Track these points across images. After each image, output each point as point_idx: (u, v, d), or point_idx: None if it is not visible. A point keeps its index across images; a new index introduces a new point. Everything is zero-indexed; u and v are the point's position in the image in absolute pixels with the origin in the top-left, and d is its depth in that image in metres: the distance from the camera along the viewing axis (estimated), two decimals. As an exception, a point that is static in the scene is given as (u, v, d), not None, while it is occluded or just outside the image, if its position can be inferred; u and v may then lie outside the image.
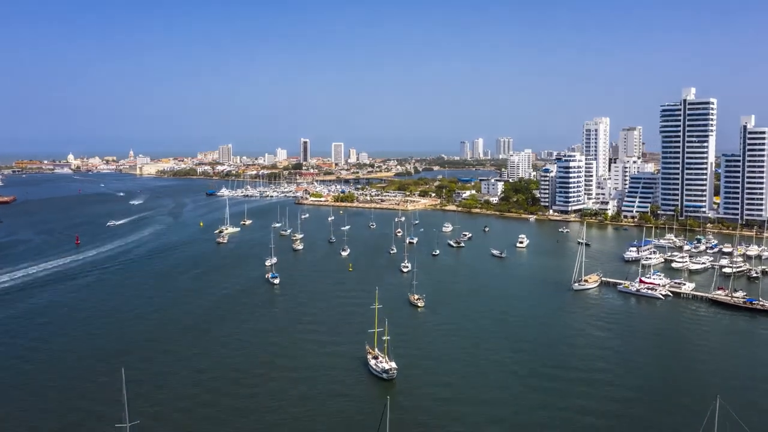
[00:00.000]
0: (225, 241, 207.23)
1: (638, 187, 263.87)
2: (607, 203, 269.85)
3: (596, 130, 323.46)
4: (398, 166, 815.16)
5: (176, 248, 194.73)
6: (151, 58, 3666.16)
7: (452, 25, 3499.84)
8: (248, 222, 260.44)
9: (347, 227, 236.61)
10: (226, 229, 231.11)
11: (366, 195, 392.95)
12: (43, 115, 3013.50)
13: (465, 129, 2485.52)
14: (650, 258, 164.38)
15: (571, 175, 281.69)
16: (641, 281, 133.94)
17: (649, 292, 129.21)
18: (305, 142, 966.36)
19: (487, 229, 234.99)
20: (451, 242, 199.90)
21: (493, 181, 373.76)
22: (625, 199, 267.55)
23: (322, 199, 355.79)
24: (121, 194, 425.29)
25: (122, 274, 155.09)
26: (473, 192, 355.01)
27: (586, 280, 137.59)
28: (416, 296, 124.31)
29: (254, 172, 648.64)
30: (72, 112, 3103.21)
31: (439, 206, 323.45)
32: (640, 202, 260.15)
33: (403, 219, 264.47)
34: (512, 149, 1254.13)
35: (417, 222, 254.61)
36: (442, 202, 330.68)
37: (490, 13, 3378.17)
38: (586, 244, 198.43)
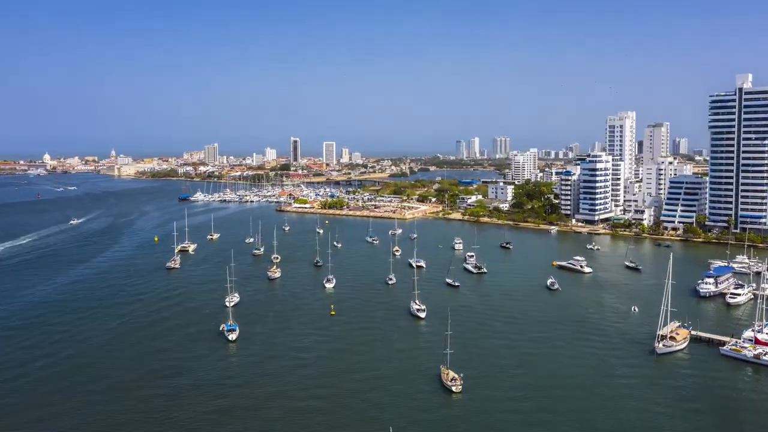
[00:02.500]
0: (177, 266, 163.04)
1: (679, 193, 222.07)
2: (642, 212, 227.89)
3: (621, 127, 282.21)
4: (393, 167, 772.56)
5: (103, 279, 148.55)
6: (142, 57, 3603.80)
7: (448, 23, 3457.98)
8: (215, 236, 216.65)
9: (339, 245, 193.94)
10: (185, 246, 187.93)
11: (358, 200, 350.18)
12: (29, 115, 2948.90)
13: (460, 128, 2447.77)
14: (737, 294, 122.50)
15: (598, 178, 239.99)
16: (757, 341, 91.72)
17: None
18: (295, 142, 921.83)
19: (509, 246, 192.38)
20: (470, 266, 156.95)
21: (501, 184, 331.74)
22: (665, 207, 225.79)
23: (307, 205, 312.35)
24: (83, 192, 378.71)
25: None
26: (479, 197, 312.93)
27: (672, 337, 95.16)
28: (451, 374, 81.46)
29: (238, 174, 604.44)
30: (59, 112, 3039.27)
31: (441, 214, 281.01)
32: (682, 211, 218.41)
33: (399, 231, 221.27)
34: (509, 149, 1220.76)
35: (415, 236, 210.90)
36: (445, 210, 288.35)
37: (487, 9, 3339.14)
38: (636, 268, 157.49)
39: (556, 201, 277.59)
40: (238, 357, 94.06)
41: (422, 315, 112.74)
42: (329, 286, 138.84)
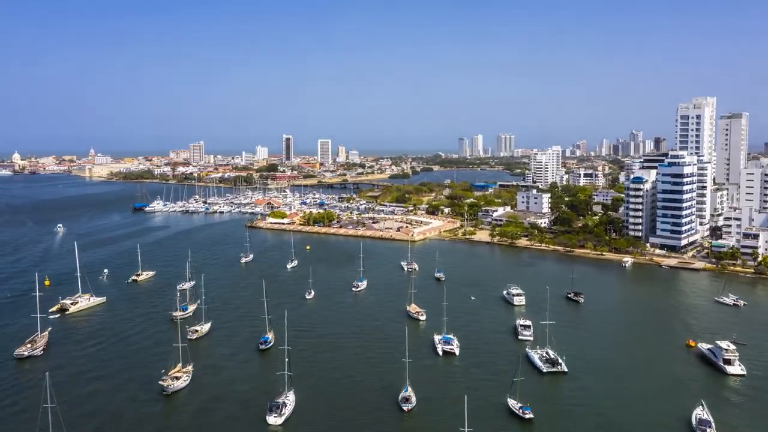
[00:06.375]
0: (39, 350, 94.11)
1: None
2: (755, 237, 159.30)
3: (698, 117, 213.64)
4: (393, 166, 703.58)
5: None
6: (140, 54, 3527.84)
7: (449, 19, 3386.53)
8: (144, 276, 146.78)
9: (311, 295, 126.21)
10: (65, 303, 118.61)
11: (352, 210, 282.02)
12: (14, 113, 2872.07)
13: (460, 125, 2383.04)
14: None
15: (685, 187, 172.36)
16: None
17: None
18: (288, 139, 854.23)
19: (581, 300, 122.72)
20: (536, 359, 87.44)
21: (534, 192, 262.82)
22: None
23: (286, 220, 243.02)
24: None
25: None
26: (507, 208, 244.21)
27: None
28: None
29: (218, 175, 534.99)
30: (46, 111, 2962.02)
31: (461, 233, 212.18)
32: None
33: (415, 267, 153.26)
34: (514, 146, 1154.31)
35: (441, 276, 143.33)
36: (466, 228, 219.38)
37: (491, 5, 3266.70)
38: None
39: (614, 215, 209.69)
40: None
41: None
42: (275, 422, 70.02)
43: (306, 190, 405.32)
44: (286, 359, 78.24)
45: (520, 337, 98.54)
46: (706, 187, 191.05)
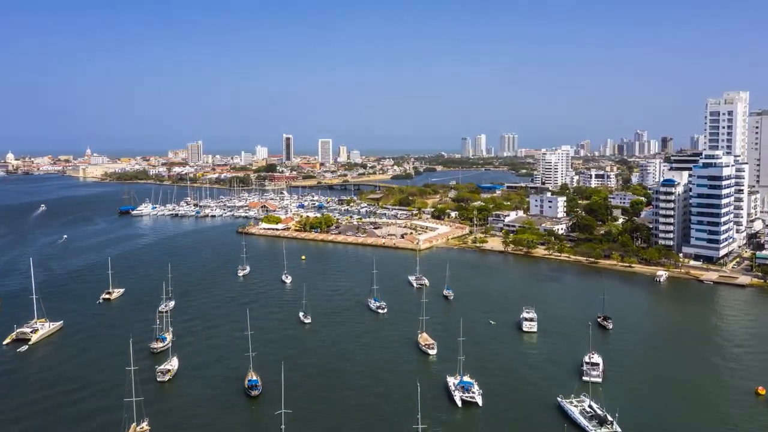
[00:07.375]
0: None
1: None
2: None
3: (729, 113, 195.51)
4: (395, 167, 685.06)
5: None
6: (140, 54, 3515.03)
7: (449, 19, 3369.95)
8: (116, 293, 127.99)
9: (307, 321, 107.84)
10: (25, 332, 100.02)
11: (352, 215, 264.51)
12: (19, 112, 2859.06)
13: (461, 125, 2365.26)
14: None
15: (723, 191, 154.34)
16: None
17: None
18: (288, 139, 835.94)
19: (609, 326, 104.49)
20: (576, 413, 69.28)
21: (548, 194, 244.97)
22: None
23: (280, 225, 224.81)
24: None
25: None
26: (520, 213, 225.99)
27: None
28: None
29: (215, 176, 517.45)
30: (47, 111, 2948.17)
31: (470, 241, 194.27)
32: None
33: (425, 282, 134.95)
34: (517, 146, 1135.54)
35: (450, 294, 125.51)
36: (476, 234, 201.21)
37: (489, 5, 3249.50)
38: None
39: (639, 221, 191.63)
40: None
41: None
42: None
43: (305, 191, 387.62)
44: (282, 426, 59.56)
45: (584, 377, 79.50)
46: (743, 190, 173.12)
